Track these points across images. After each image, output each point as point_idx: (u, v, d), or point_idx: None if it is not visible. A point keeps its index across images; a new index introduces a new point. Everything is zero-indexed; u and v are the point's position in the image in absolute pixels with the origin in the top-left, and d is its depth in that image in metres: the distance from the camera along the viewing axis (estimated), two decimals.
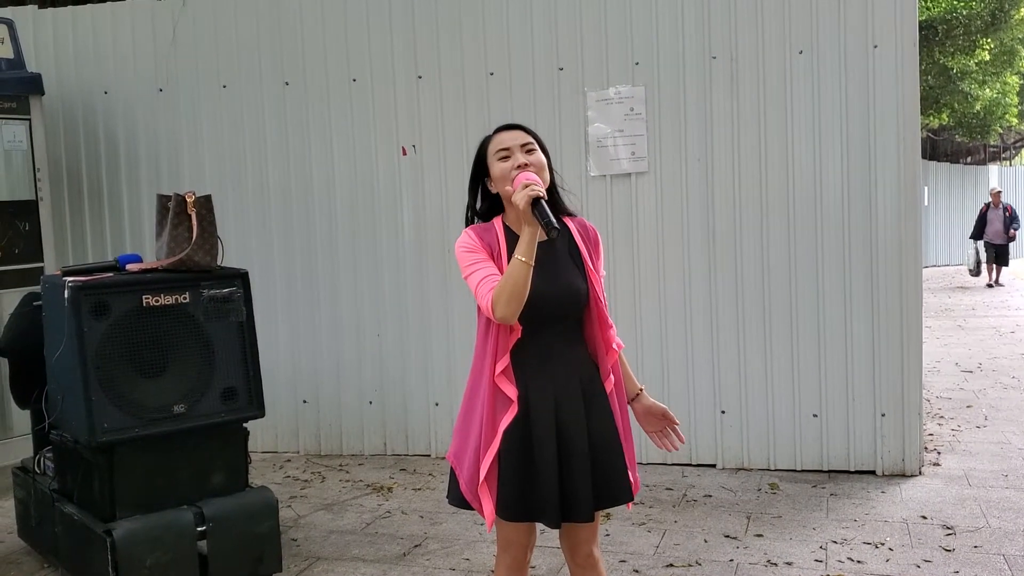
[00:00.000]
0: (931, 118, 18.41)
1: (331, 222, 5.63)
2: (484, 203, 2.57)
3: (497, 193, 2.49)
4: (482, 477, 2.41)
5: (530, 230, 2.28)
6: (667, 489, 4.78)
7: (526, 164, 2.40)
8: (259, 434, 5.39)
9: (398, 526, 4.39)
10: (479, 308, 2.43)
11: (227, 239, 3.87)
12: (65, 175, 6.06)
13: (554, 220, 2.25)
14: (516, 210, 2.33)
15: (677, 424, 2.63)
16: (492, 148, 2.49)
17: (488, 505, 2.43)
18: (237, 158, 5.76)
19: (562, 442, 2.42)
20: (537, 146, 2.47)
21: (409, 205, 5.50)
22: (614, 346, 2.52)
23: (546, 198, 2.30)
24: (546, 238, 2.32)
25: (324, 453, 5.73)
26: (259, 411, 3.75)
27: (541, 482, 2.40)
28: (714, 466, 5.12)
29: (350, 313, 5.64)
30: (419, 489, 4.95)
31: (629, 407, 2.61)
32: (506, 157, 2.43)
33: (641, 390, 2.64)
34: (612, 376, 2.52)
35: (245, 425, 3.80)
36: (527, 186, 2.29)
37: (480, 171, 2.54)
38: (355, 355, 5.65)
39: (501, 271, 2.37)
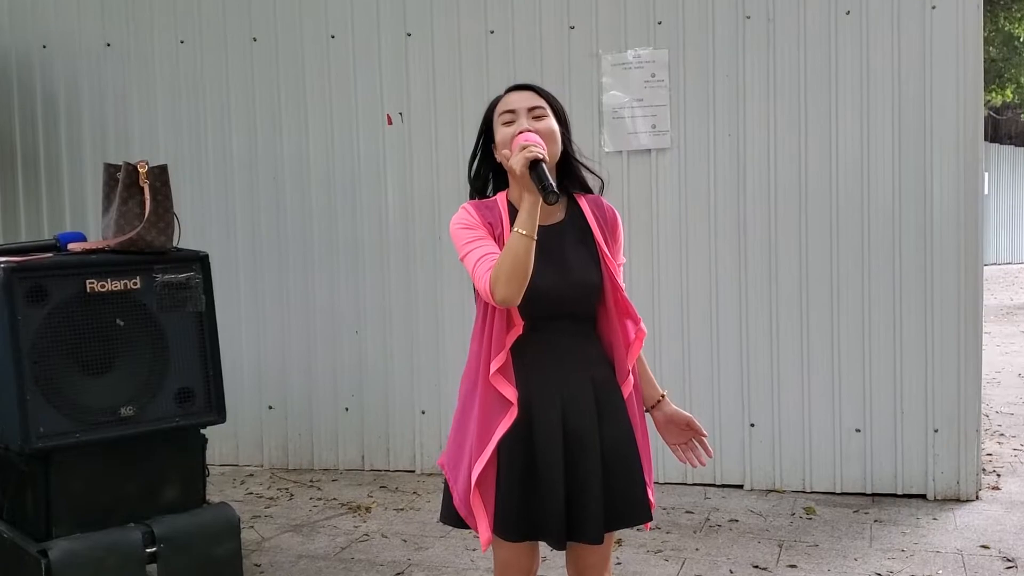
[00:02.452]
0: (993, 94, 18.45)
1: (304, 200, 5.63)
2: (487, 171, 2.56)
3: (501, 163, 2.49)
4: (472, 485, 2.41)
5: (531, 199, 2.27)
6: (687, 512, 4.80)
7: (530, 130, 2.40)
8: (217, 444, 5.39)
9: (378, 551, 4.39)
10: (477, 294, 2.43)
11: (183, 217, 3.87)
12: None
13: (553, 184, 2.24)
14: (515, 178, 2.33)
15: (705, 436, 2.63)
16: (498, 110, 2.49)
17: (483, 521, 2.43)
18: (196, 125, 5.75)
19: (570, 451, 2.42)
20: (549, 110, 2.46)
21: (394, 182, 5.50)
22: (638, 349, 2.51)
23: (546, 160, 2.30)
24: (554, 210, 2.33)
25: (292, 467, 5.74)
26: (219, 416, 3.76)
27: (544, 496, 2.41)
28: (741, 487, 5.14)
29: (324, 306, 5.64)
30: (402, 509, 4.96)
31: (648, 415, 2.61)
32: (510, 122, 2.43)
33: (663, 396, 2.65)
34: (631, 378, 2.52)
35: (203, 432, 3.81)
36: (525, 147, 2.29)
37: (487, 136, 2.54)
38: (329, 355, 5.66)
39: None
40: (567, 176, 2.53)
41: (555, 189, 2.24)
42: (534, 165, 2.26)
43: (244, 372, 5.65)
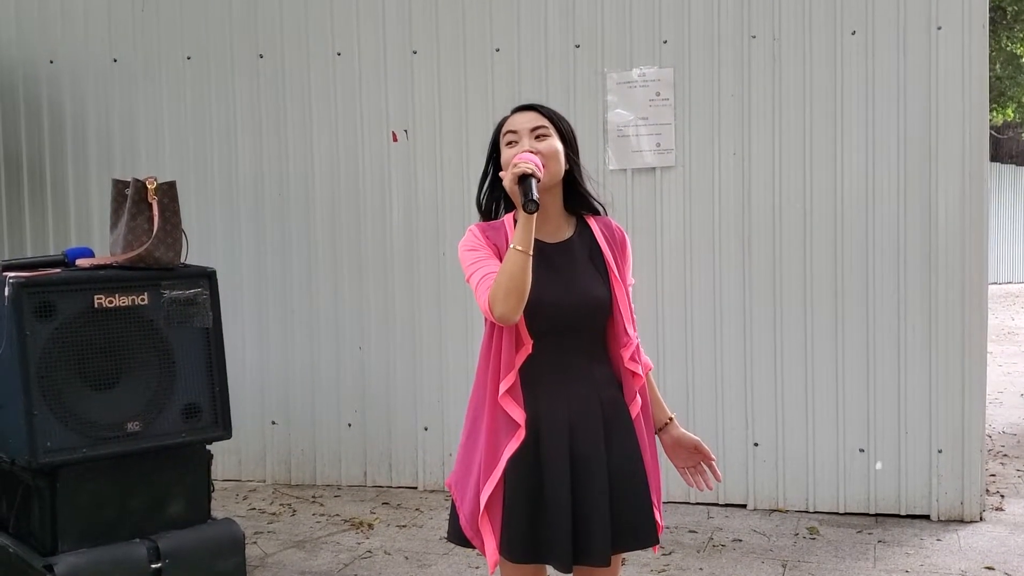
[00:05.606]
0: (995, 113, 18.49)
1: (308, 217, 5.65)
2: (496, 193, 2.58)
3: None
4: (482, 508, 2.42)
5: (526, 215, 2.31)
6: (690, 532, 4.80)
7: (529, 151, 2.42)
8: (220, 459, 5.35)
9: (380, 568, 4.39)
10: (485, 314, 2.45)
11: (188, 233, 3.90)
12: (1, 155, 6.07)
13: (534, 194, 2.28)
14: (512, 196, 2.37)
15: (713, 459, 2.65)
16: (503, 131, 2.52)
17: (490, 543, 2.44)
18: (202, 141, 5.78)
19: (577, 473, 2.43)
20: (553, 131, 2.48)
21: (399, 199, 5.52)
22: (638, 370, 2.52)
23: (538, 177, 2.33)
24: (562, 227, 2.35)
25: (295, 483, 5.74)
26: (225, 431, 3.78)
27: (551, 518, 2.42)
28: (745, 506, 5.14)
29: (328, 322, 5.66)
30: (404, 526, 4.97)
31: (656, 438, 2.62)
32: (513, 142, 2.46)
33: (671, 419, 2.66)
34: (639, 399, 2.53)
35: (208, 447, 3.82)
36: (516, 165, 2.33)
37: (495, 158, 2.56)
38: (333, 370, 5.67)
39: None
40: (574, 196, 2.56)
41: (534, 199, 2.27)
42: (522, 179, 2.31)
43: (247, 387, 5.65)
